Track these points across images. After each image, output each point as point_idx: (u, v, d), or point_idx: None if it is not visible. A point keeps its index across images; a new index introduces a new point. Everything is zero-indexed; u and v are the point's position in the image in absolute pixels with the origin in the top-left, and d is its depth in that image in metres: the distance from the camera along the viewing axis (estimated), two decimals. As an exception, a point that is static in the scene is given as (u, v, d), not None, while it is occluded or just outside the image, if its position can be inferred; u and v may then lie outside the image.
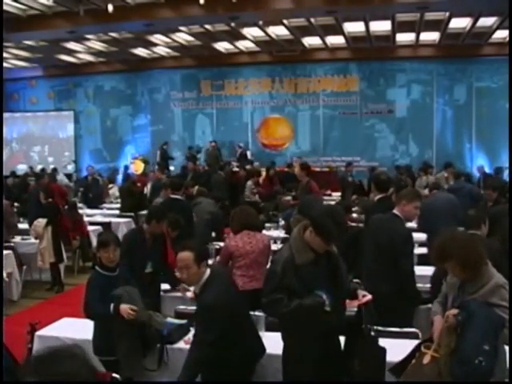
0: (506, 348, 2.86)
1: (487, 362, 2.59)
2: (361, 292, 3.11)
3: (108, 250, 3.67)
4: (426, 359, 2.83)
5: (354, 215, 7.95)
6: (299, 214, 6.82)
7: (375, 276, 4.24)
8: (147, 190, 11.44)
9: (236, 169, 14.74)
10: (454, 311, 2.78)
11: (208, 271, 3.29)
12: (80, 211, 10.20)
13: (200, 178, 11.84)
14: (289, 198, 10.08)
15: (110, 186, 13.52)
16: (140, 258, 4.62)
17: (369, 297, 3.07)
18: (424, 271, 4.69)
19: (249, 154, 17.19)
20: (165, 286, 4.99)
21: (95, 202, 11.60)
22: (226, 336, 3.17)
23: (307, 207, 7.01)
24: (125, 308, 3.48)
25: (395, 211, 4.41)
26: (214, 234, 7.51)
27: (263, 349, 3.44)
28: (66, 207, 9.05)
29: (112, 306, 3.50)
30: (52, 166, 16.75)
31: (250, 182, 11.36)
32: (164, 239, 5.06)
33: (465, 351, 2.65)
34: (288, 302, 2.96)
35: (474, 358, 2.59)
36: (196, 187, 8.68)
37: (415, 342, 3.18)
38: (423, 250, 5.80)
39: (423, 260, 5.36)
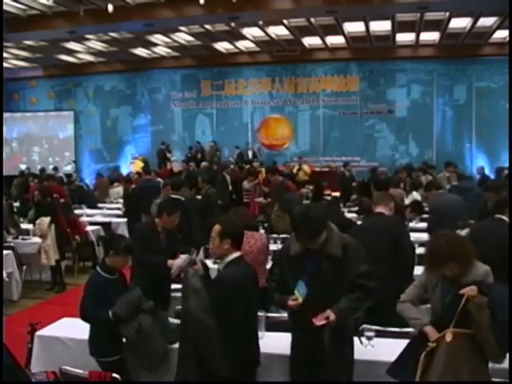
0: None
1: None
2: (328, 312, 3.05)
3: (129, 258, 3.72)
4: (449, 337, 2.77)
5: (354, 215, 7.94)
6: (280, 211, 6.92)
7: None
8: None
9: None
10: (473, 288, 2.77)
11: (236, 254, 3.31)
12: (80, 211, 10.23)
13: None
14: (261, 199, 10.04)
15: (116, 184, 13.26)
16: (153, 250, 4.63)
17: (326, 321, 3.03)
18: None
19: (250, 154, 17.24)
20: (174, 286, 4.94)
21: (90, 203, 11.55)
22: (229, 328, 3.16)
23: (288, 203, 7.12)
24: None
25: (381, 210, 4.54)
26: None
27: (258, 360, 3.37)
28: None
29: (110, 312, 3.50)
30: (51, 166, 16.75)
31: (245, 183, 11.35)
32: (177, 237, 5.07)
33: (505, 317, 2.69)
34: (273, 292, 3.33)
35: None
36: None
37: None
38: (423, 250, 5.78)
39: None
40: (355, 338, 3.49)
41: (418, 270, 4.56)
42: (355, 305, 3.09)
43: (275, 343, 3.58)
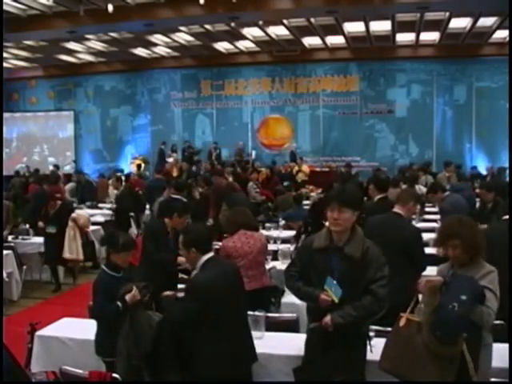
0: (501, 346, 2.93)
1: (460, 310, 2.65)
2: (328, 315, 3.05)
3: (130, 254, 3.72)
4: (402, 322, 2.90)
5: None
6: (228, 210, 6.95)
7: None
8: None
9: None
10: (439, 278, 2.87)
11: (206, 257, 3.29)
12: (80, 211, 10.20)
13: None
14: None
15: (111, 182, 13.21)
16: (162, 249, 4.64)
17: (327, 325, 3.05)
18: (430, 271, 4.64)
19: (253, 154, 17.24)
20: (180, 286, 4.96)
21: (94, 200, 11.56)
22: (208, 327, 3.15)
23: (235, 202, 7.18)
24: (130, 295, 3.51)
25: (398, 210, 4.42)
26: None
27: (253, 356, 3.35)
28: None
29: (118, 302, 3.51)
30: (51, 167, 16.70)
31: (251, 183, 11.29)
32: None
33: (442, 301, 2.74)
34: (295, 281, 3.25)
35: (448, 304, 2.68)
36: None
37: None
38: (428, 250, 5.76)
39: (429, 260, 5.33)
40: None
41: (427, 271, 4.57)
42: (356, 312, 3.02)
43: (275, 343, 3.58)
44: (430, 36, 15.03)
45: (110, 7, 10.69)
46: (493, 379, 2.94)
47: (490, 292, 2.80)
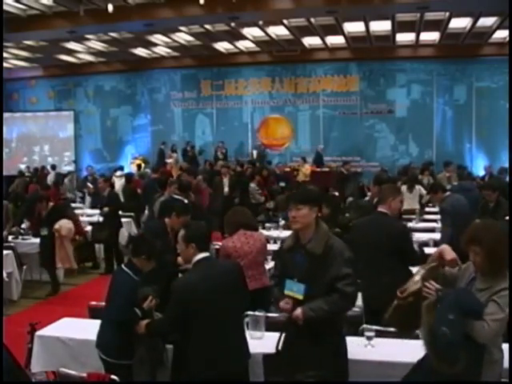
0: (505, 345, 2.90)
1: (452, 332, 2.58)
2: (298, 308, 3.06)
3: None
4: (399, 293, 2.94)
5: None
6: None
7: (373, 277, 4.23)
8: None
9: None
10: (437, 286, 2.79)
11: (199, 256, 3.26)
12: (80, 211, 10.23)
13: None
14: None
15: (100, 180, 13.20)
16: (162, 250, 4.64)
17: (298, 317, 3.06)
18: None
19: (255, 153, 17.21)
20: None
21: (96, 201, 11.57)
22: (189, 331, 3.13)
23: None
24: (151, 305, 3.58)
25: (382, 209, 4.41)
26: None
27: (244, 357, 3.33)
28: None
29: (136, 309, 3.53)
30: (48, 166, 16.70)
31: (253, 185, 11.27)
32: None
33: (434, 325, 2.67)
34: (274, 287, 3.38)
35: (439, 329, 2.61)
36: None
37: (415, 342, 3.17)
38: (428, 250, 5.75)
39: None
40: (355, 338, 3.51)
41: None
42: (327, 307, 3.01)
43: (275, 343, 3.57)
44: (430, 36, 15.03)
45: (110, 7, 10.68)
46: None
47: (494, 304, 2.66)
